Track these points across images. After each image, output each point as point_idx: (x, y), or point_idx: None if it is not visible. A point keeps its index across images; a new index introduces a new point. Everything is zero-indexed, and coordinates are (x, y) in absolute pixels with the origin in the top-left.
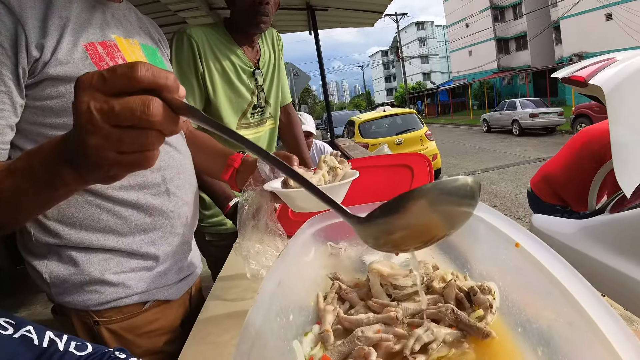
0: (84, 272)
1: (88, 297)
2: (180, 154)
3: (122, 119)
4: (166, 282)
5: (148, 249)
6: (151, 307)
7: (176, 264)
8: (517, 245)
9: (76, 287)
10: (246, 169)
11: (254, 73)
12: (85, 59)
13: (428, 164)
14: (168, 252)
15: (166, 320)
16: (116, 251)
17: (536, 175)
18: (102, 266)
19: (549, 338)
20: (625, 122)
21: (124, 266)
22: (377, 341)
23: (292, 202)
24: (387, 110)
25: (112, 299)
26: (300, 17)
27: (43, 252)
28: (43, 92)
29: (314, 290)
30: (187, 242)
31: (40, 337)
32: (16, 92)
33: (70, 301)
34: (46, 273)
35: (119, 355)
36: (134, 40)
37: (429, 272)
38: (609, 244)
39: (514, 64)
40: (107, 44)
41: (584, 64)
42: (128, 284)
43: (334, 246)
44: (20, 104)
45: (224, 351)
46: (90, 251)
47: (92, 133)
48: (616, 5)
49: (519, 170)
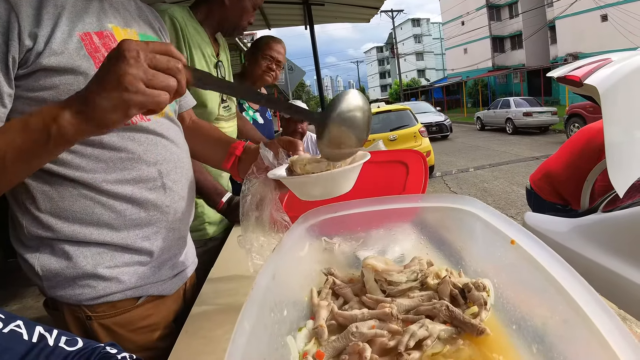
0: (76, 265)
1: (80, 291)
2: (178, 148)
3: (159, 63)
4: (160, 278)
5: (142, 244)
6: (145, 302)
7: (171, 259)
8: (512, 242)
9: (68, 281)
10: (249, 157)
11: (217, 65)
12: (80, 50)
13: (423, 161)
14: (163, 247)
15: (160, 316)
16: (110, 245)
17: (536, 173)
18: (95, 260)
19: (543, 335)
20: (620, 122)
21: (118, 260)
22: (372, 337)
23: (300, 189)
24: (381, 106)
25: (104, 294)
26: (296, 12)
27: (35, 245)
28: (36, 83)
29: (308, 285)
30: (183, 237)
31: (29, 332)
32: (4, 82)
33: (63, 295)
34: (38, 266)
35: (109, 351)
36: (132, 30)
37: (423, 268)
38: (601, 242)
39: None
40: (104, 34)
41: (579, 64)
42: (121, 278)
43: (328, 241)
44: (9, 94)
45: (217, 346)
46: (83, 245)
47: (133, 66)
48: (612, 6)
49: (512, 169)
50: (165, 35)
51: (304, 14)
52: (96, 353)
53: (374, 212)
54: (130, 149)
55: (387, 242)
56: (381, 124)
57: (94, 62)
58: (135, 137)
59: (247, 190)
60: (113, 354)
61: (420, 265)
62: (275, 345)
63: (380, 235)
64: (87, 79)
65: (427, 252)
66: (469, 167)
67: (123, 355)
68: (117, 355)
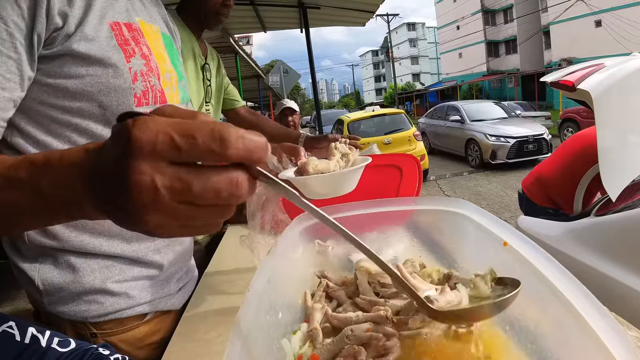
0: (82, 280)
1: (87, 307)
2: None
3: (201, 200)
4: (168, 292)
5: (153, 257)
6: (152, 317)
7: (177, 273)
8: (505, 244)
9: (73, 297)
10: None
11: (203, 67)
12: (110, 39)
13: (417, 165)
14: (172, 261)
15: (166, 331)
16: (119, 258)
17: (528, 177)
18: (104, 274)
19: (536, 335)
20: (613, 127)
21: (127, 274)
22: (367, 340)
23: (309, 189)
24: (376, 110)
25: (113, 310)
26: (292, 15)
27: (35, 254)
28: (61, 68)
29: (302, 288)
30: (188, 250)
31: (22, 333)
32: (27, 62)
33: (65, 311)
34: (39, 280)
35: (102, 352)
36: (156, 27)
37: (416, 270)
38: (593, 246)
39: (504, 67)
40: (132, 27)
41: (572, 69)
42: (131, 293)
43: (321, 244)
44: (29, 77)
45: (211, 348)
46: (90, 257)
47: (156, 212)
48: (606, 12)
49: (506, 173)
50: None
51: (300, 17)
52: (89, 354)
53: (367, 215)
54: None
55: (380, 244)
56: (376, 127)
57: (124, 55)
58: None
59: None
60: (106, 355)
61: (413, 267)
62: (271, 348)
63: (374, 238)
64: (116, 72)
65: (420, 255)
66: (463, 171)
67: (116, 357)
68: (110, 356)
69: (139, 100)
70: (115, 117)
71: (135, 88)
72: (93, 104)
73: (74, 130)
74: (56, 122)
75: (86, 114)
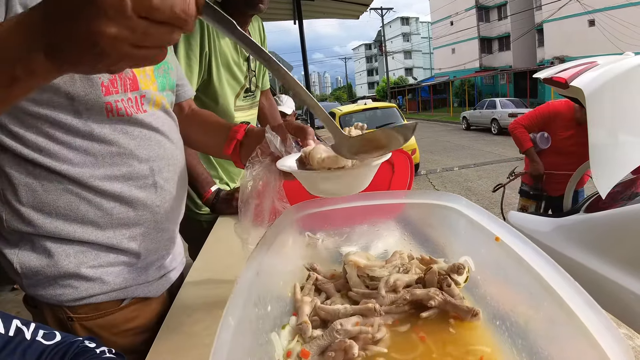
0: (58, 264)
1: (62, 291)
2: (172, 144)
3: (157, 14)
4: (146, 279)
5: (129, 245)
6: (129, 304)
7: (158, 261)
8: (497, 239)
9: (49, 280)
10: (251, 141)
11: (248, 57)
12: None
13: (409, 160)
14: (150, 249)
15: (144, 318)
16: (94, 244)
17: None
18: (78, 259)
19: (527, 331)
20: (604, 125)
21: (102, 260)
22: (357, 334)
23: (313, 185)
24: (368, 103)
25: (87, 295)
26: (285, 6)
27: (15, 240)
28: None
29: (291, 280)
30: (172, 237)
31: (6, 325)
32: None
33: (43, 295)
34: (17, 263)
35: (88, 344)
36: None
37: (404, 262)
38: (583, 242)
39: (496, 64)
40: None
41: (565, 66)
42: (105, 279)
43: (311, 236)
44: None
45: (198, 341)
46: (66, 242)
47: (115, 21)
48: (599, 12)
49: (496, 169)
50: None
51: (293, 9)
52: (74, 347)
53: (358, 208)
54: (121, 143)
55: (371, 238)
56: (368, 120)
57: None
58: (128, 130)
59: (249, 175)
60: (91, 347)
61: (402, 259)
62: (259, 341)
63: (364, 231)
64: None
65: (410, 249)
66: (453, 166)
67: (102, 349)
68: (96, 349)
69: (107, 88)
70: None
71: (101, 77)
72: (60, 95)
73: (45, 122)
74: (28, 114)
75: (55, 104)
